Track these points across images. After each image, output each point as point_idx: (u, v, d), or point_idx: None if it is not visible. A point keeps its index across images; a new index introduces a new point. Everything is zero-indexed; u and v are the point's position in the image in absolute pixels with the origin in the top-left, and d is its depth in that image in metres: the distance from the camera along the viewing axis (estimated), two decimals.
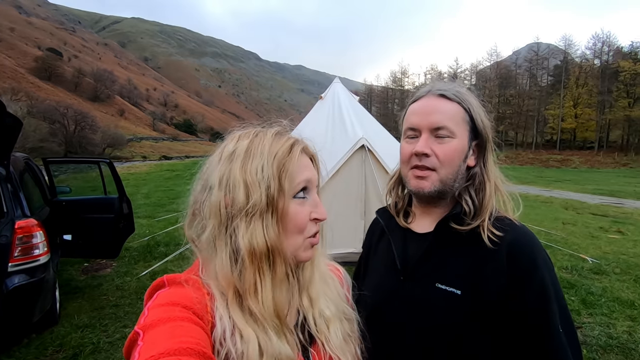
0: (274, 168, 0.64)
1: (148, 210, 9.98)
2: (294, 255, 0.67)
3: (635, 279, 5.12)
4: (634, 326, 3.74)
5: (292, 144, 0.68)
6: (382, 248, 1.00)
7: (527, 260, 0.78)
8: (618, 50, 53.23)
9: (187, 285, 0.63)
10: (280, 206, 0.64)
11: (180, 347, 0.50)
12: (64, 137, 39.31)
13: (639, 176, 29.96)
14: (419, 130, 0.87)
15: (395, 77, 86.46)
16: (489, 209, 0.84)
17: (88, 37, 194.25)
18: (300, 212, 0.66)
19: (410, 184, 0.89)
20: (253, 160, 0.64)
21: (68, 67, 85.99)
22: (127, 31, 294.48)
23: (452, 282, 0.81)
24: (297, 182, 0.66)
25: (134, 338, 0.54)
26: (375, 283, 0.96)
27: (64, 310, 3.83)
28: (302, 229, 0.67)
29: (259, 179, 0.63)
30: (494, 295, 0.77)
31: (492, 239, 0.80)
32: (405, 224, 0.97)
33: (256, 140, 0.67)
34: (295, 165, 0.66)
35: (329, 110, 6.24)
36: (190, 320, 0.56)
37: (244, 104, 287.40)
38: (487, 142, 0.89)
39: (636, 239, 7.58)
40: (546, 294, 0.76)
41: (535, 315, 0.75)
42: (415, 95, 0.94)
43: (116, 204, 4.39)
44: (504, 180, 0.91)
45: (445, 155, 0.84)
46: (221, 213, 0.64)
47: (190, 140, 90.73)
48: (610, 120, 48.41)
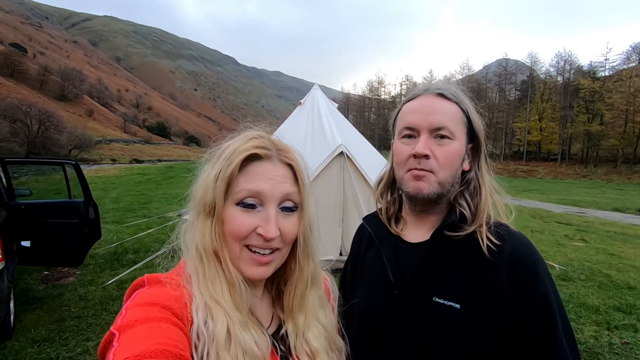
0: (227, 172, 0.65)
1: (117, 215, 9.52)
2: (237, 266, 0.66)
3: (599, 285, 5.36)
4: (600, 331, 3.89)
5: (251, 153, 0.66)
6: (371, 258, 0.94)
7: (528, 271, 0.75)
8: (579, 68, 56.75)
9: (167, 284, 0.62)
10: (219, 210, 0.65)
11: (157, 349, 0.48)
12: (26, 137, 37.12)
13: (597, 187, 31.89)
14: (418, 130, 0.82)
15: (372, 86, 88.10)
16: (485, 213, 0.81)
17: (56, 33, 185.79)
18: (239, 219, 0.65)
19: (407, 186, 0.84)
20: (217, 163, 0.68)
21: (33, 63, 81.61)
22: (99, 29, 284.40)
23: (451, 295, 0.77)
24: (239, 189, 0.65)
25: (109, 339, 0.52)
26: (365, 297, 0.90)
27: (19, 323, 3.54)
28: (239, 237, 0.65)
29: (214, 181, 0.65)
30: (495, 309, 0.73)
31: (492, 249, 0.76)
32: (397, 230, 0.91)
33: (227, 143, 0.70)
34: (247, 173, 0.66)
35: (308, 117, 6.21)
36: (169, 321, 0.55)
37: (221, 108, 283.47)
38: (482, 145, 0.86)
39: (598, 246, 7.99)
40: (550, 305, 0.73)
41: (540, 327, 0.72)
42: (411, 94, 0.88)
43: (81, 209, 4.13)
44: (496, 189, 0.88)
45: (445, 158, 0.80)
46: (191, 207, 0.71)
47: (164, 144, 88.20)
48: (571, 134, 51.33)
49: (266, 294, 0.77)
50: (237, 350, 0.59)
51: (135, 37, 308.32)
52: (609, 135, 46.33)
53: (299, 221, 0.70)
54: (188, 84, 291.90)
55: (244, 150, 0.66)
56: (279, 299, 0.76)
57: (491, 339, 0.74)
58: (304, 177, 0.71)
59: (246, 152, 0.66)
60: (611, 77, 51.12)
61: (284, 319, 0.73)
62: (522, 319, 0.73)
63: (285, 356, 0.69)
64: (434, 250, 0.82)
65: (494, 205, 0.85)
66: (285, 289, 0.75)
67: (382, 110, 78.34)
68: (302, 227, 0.71)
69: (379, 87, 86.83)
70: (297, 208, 0.70)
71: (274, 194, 0.66)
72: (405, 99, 0.89)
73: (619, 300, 4.74)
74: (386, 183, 0.97)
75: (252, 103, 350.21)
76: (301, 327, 0.72)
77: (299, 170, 0.71)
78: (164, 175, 22.99)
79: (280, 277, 0.76)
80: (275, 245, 0.67)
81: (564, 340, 0.72)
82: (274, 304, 0.77)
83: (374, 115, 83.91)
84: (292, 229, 0.68)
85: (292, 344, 0.71)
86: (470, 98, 0.86)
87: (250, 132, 0.71)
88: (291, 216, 0.69)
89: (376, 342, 0.83)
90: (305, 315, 0.73)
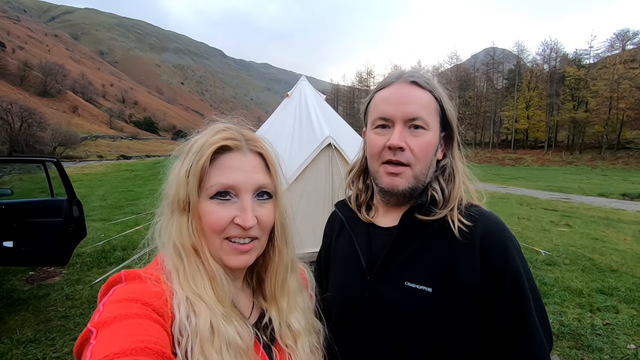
0: (198, 167, 0.64)
1: (104, 212, 9.38)
2: (219, 257, 0.67)
3: (582, 268, 5.50)
4: (583, 313, 4.00)
5: (221, 145, 0.66)
6: (343, 244, 0.93)
7: (500, 250, 0.75)
8: (564, 57, 57.39)
9: (146, 280, 0.60)
10: (193, 205, 0.65)
11: (138, 346, 0.46)
12: (8, 135, 36.05)
13: (582, 173, 32.54)
14: (392, 121, 0.80)
15: (361, 77, 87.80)
16: (457, 198, 0.81)
17: (35, 27, 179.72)
18: (215, 212, 0.65)
19: (382, 181, 0.82)
20: (186, 158, 0.67)
21: (12, 59, 79.04)
22: (80, 22, 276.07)
23: (423, 279, 0.76)
24: (212, 184, 0.65)
25: (86, 336, 0.49)
26: (338, 284, 0.90)
27: (4, 325, 3.48)
28: (218, 230, 0.65)
29: (185, 177, 0.65)
30: (468, 290, 0.74)
31: (463, 230, 0.76)
32: (368, 218, 0.90)
33: (195, 138, 0.70)
34: (218, 166, 0.66)
35: (295, 109, 6.16)
36: (149, 317, 0.53)
37: (209, 101, 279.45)
38: (454, 133, 0.85)
39: (582, 231, 8.18)
40: (522, 284, 0.73)
41: (513, 306, 0.73)
42: (384, 82, 0.86)
43: (65, 207, 4.05)
44: (468, 176, 0.88)
45: (420, 150, 0.79)
46: (164, 205, 0.69)
47: (151, 139, 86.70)
48: (557, 121, 52.07)
49: (245, 284, 0.77)
50: (220, 343, 0.59)
51: (119, 30, 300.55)
52: (594, 122, 47.19)
53: (274, 208, 0.71)
54: (175, 77, 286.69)
55: (213, 143, 0.65)
56: (259, 288, 0.77)
57: (464, 321, 0.74)
58: (275, 164, 0.71)
59: (215, 145, 0.65)
60: (596, 65, 51.83)
61: (266, 307, 0.74)
62: (495, 299, 0.73)
63: (267, 344, 0.70)
64: (405, 234, 0.81)
65: (466, 190, 0.85)
66: (265, 276, 0.76)
67: None
68: (278, 214, 0.72)
69: (368, 78, 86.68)
70: (272, 196, 0.70)
71: (247, 185, 0.66)
72: (377, 87, 0.86)
73: (601, 283, 4.87)
74: (357, 172, 0.95)
75: (241, 96, 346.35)
76: (284, 311, 0.73)
77: (270, 157, 0.71)
78: (152, 171, 22.64)
79: (259, 266, 0.76)
80: (254, 234, 0.67)
81: (536, 318, 0.73)
82: (255, 293, 0.77)
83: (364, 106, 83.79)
84: (269, 217, 0.69)
85: (276, 330, 0.71)
86: (443, 85, 0.85)
87: (218, 124, 0.70)
88: (267, 203, 0.69)
89: (352, 328, 0.83)
90: (287, 300, 0.74)
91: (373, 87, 0.88)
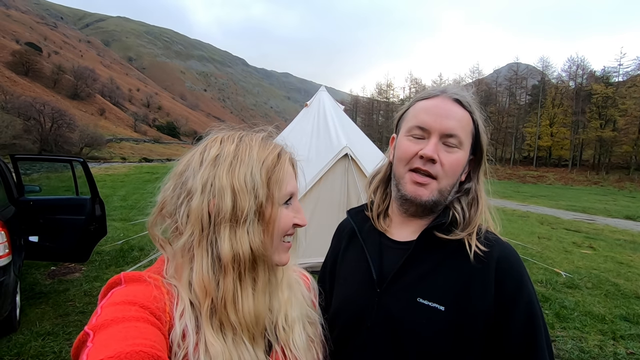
0: (262, 175, 0.62)
1: (124, 213, 9.64)
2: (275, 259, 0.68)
3: (605, 293, 5.26)
4: (605, 340, 3.82)
5: (279, 152, 0.68)
6: (353, 254, 0.92)
7: (515, 277, 0.76)
8: (591, 74, 55.80)
9: (145, 283, 0.60)
10: (268, 213, 0.63)
11: (134, 350, 0.46)
12: (39, 135, 37.77)
13: (609, 194, 31.26)
14: (429, 132, 0.80)
15: (381, 88, 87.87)
16: (477, 223, 0.81)
17: (70, 33, 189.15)
18: (286, 216, 0.67)
19: (406, 188, 0.82)
20: (241, 166, 0.62)
21: (47, 62, 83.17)
22: (112, 30, 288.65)
23: (436, 297, 0.76)
24: (286, 191, 0.66)
25: (83, 339, 0.49)
26: (346, 294, 0.89)
27: (24, 317, 3.61)
28: (285, 235, 0.68)
29: (248, 186, 0.61)
30: (480, 313, 0.73)
31: (478, 254, 0.77)
32: (383, 227, 0.90)
33: (242, 145, 0.65)
34: (283, 173, 0.66)
35: (314, 118, 6.23)
36: (147, 320, 0.53)
37: (230, 108, 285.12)
38: (483, 158, 0.85)
39: (607, 254, 7.84)
40: (534, 314, 0.74)
41: (524, 335, 0.73)
42: (426, 93, 0.86)
43: (88, 206, 4.20)
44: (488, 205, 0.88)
45: (450, 165, 0.79)
46: (203, 219, 0.60)
47: (173, 143, 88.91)
48: (583, 139, 50.45)
49: None
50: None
51: (147, 38, 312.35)
52: (622, 142, 45.43)
53: None
54: (198, 84, 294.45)
55: (283, 152, 0.70)
56: None
57: (474, 343, 0.74)
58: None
59: (288, 153, 0.71)
60: (625, 83, 50.16)
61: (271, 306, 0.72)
62: (507, 325, 0.73)
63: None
64: (420, 250, 0.81)
65: (485, 218, 0.85)
66: None
67: (390, 113, 77.83)
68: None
69: (387, 90, 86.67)
70: None
71: (297, 189, 0.71)
72: (419, 96, 0.87)
73: (626, 310, 4.65)
74: (382, 178, 0.94)
75: (261, 104, 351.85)
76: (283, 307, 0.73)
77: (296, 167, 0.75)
78: None
79: None
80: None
81: (545, 349, 0.73)
82: None
83: (382, 118, 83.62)
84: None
85: (279, 333, 0.70)
86: (480, 109, 0.85)
87: (261, 133, 0.71)
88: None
89: (357, 340, 0.82)
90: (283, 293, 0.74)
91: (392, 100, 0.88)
